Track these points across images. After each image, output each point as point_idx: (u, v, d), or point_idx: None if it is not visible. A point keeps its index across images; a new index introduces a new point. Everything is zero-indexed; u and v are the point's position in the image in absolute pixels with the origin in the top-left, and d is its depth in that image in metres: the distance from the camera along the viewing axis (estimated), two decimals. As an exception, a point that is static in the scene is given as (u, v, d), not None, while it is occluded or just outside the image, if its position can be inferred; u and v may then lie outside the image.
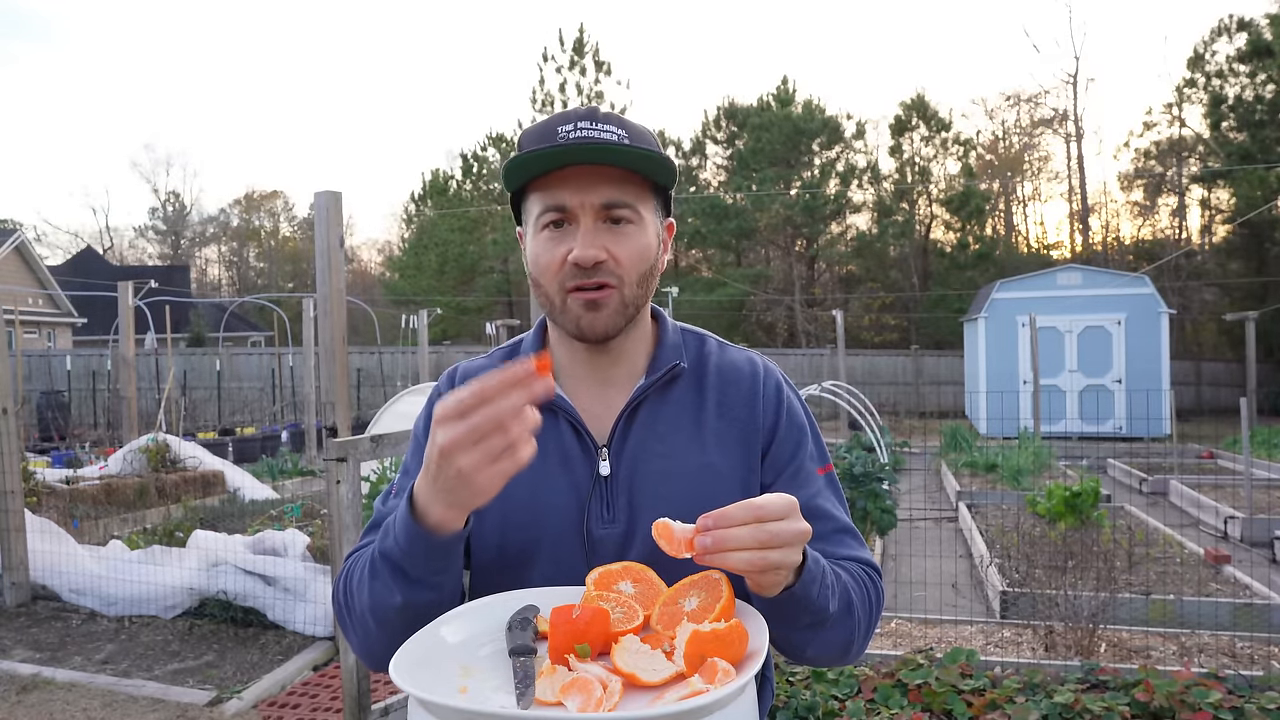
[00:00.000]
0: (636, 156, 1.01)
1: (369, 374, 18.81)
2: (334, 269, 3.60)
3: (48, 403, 14.61)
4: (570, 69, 30.31)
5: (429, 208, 33.91)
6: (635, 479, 1.07)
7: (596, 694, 0.76)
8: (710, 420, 1.11)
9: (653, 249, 1.08)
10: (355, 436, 3.21)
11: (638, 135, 1.05)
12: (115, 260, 46.49)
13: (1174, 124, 29.17)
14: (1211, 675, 3.43)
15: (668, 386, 1.12)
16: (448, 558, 0.91)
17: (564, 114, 1.05)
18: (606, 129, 1.03)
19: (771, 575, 0.86)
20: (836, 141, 30.35)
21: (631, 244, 1.05)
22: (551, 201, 1.03)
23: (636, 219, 1.05)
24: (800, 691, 3.39)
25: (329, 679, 4.17)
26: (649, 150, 1.02)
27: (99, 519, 7.00)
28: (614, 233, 1.04)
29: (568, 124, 1.03)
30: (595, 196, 1.02)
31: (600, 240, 1.03)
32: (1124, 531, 6.21)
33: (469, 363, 1.21)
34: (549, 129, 1.04)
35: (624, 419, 1.09)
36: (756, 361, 1.18)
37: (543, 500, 1.06)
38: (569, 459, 1.08)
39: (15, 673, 4.33)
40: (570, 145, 1.00)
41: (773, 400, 1.14)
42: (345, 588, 1.02)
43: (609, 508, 1.06)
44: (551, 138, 1.02)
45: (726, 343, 1.22)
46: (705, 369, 1.15)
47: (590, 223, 1.03)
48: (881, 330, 31.42)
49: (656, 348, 1.15)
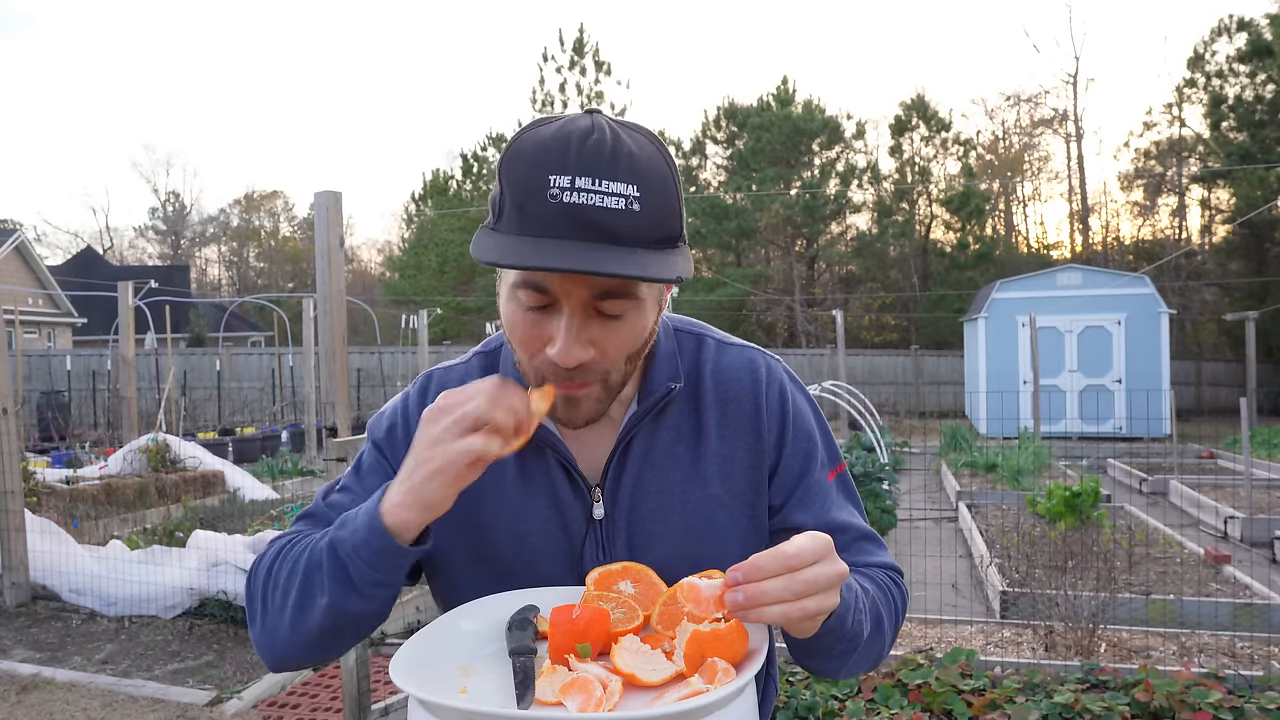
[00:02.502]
0: (645, 244, 0.83)
1: (369, 374, 18.80)
2: (334, 269, 3.60)
3: (48, 403, 14.61)
4: (570, 69, 30.32)
5: (429, 208, 33.89)
6: (633, 520, 0.99)
7: (596, 694, 0.76)
8: (711, 445, 1.01)
9: (649, 325, 0.92)
10: (355, 436, 3.21)
11: (652, 192, 0.83)
12: (115, 260, 46.50)
13: (1174, 124, 29.21)
14: (1211, 675, 3.43)
15: (663, 412, 1.01)
16: (393, 569, 0.86)
17: (562, 147, 0.81)
18: (613, 190, 0.81)
19: (809, 623, 0.80)
20: (836, 141, 30.34)
21: (625, 333, 0.89)
22: (529, 277, 0.85)
23: (636, 303, 0.88)
24: (800, 691, 3.39)
25: (329, 679, 4.17)
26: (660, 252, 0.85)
27: (99, 519, 6.99)
28: (605, 324, 0.87)
29: (565, 175, 0.80)
30: (587, 287, 0.84)
31: (588, 334, 0.87)
32: (1124, 531, 6.21)
33: (444, 371, 1.11)
34: (539, 175, 0.81)
35: (617, 456, 1.00)
36: (758, 364, 1.05)
37: (536, 546, 1.00)
38: (560, 501, 1.00)
39: (15, 673, 4.33)
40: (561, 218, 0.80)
41: (777, 410, 1.04)
42: (270, 568, 0.94)
43: (605, 552, 1.00)
44: (540, 193, 0.81)
45: (728, 340, 1.09)
46: (702, 384, 1.03)
47: (579, 315, 0.86)
48: (881, 330, 31.43)
49: (649, 367, 1.01)
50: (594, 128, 0.83)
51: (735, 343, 1.09)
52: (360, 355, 19.30)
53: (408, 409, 1.07)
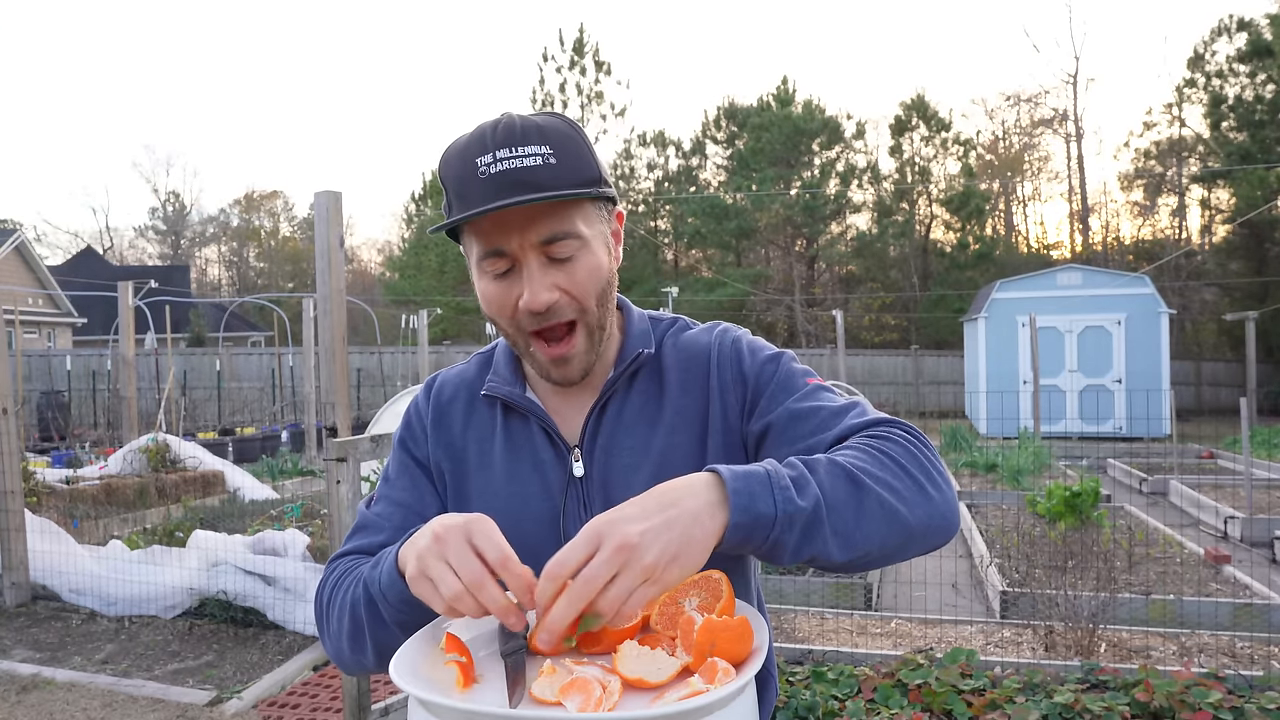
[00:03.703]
0: (565, 190, 0.94)
1: (369, 374, 18.81)
2: (334, 269, 3.60)
3: (48, 403, 14.61)
4: (570, 69, 30.32)
5: (429, 208, 33.89)
6: (609, 475, 1.05)
7: (596, 694, 0.76)
8: (673, 399, 1.08)
9: (605, 263, 1.02)
10: (355, 436, 3.21)
11: (563, 146, 0.96)
12: (115, 260, 46.52)
13: (1174, 124, 29.22)
14: (1211, 675, 3.43)
15: (634, 377, 1.10)
16: (415, 609, 0.91)
17: (481, 137, 0.95)
18: (528, 151, 0.94)
19: (646, 590, 0.76)
20: (836, 141, 30.36)
21: (581, 271, 0.99)
22: (488, 246, 0.97)
23: (581, 242, 0.99)
24: (800, 691, 3.39)
25: (329, 679, 4.17)
26: (579, 181, 0.96)
27: (99, 519, 7.00)
28: (561, 266, 0.98)
29: (485, 154, 0.94)
30: (534, 234, 0.96)
31: (549, 279, 0.97)
32: (1124, 531, 6.21)
33: (447, 372, 1.20)
34: (467, 163, 0.95)
35: (593, 416, 1.08)
36: (717, 328, 1.14)
37: (518, 506, 1.06)
38: (542, 463, 1.07)
39: (15, 673, 4.33)
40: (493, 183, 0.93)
41: (729, 352, 1.09)
42: (329, 596, 1.03)
43: (586, 508, 1.05)
44: (472, 175, 0.94)
45: (705, 326, 1.16)
46: (667, 351, 1.12)
47: (535, 263, 0.97)
48: (881, 330, 31.44)
49: (624, 339, 1.12)
50: (502, 117, 0.98)
51: (716, 325, 1.16)
52: (360, 355, 19.30)
53: (418, 408, 1.18)
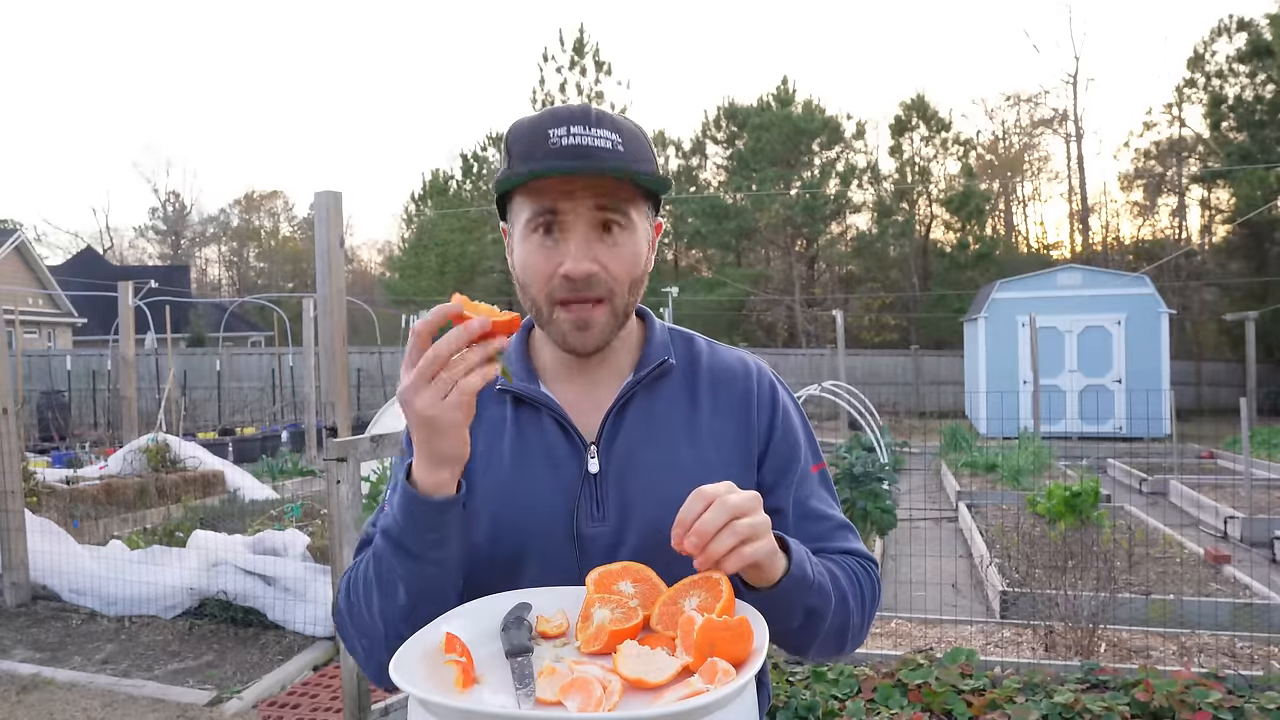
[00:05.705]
0: (631, 171, 0.99)
1: (369, 374, 18.80)
2: (334, 269, 3.60)
3: (48, 403, 14.61)
4: (570, 69, 30.29)
5: (429, 208, 33.86)
6: (627, 475, 1.05)
7: (596, 694, 0.76)
8: (705, 418, 1.10)
9: (643, 255, 1.06)
10: (355, 436, 3.21)
11: (631, 140, 1.02)
12: (115, 260, 46.47)
13: (1174, 124, 29.22)
14: (1211, 675, 3.43)
15: (657, 383, 1.11)
16: (443, 525, 0.92)
17: (555, 113, 1.00)
18: (600, 134, 0.99)
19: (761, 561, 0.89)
20: (836, 141, 30.32)
21: (624, 253, 1.03)
22: (541, 205, 1.01)
23: (628, 225, 1.03)
24: (800, 691, 3.39)
25: (329, 679, 4.17)
26: (642, 170, 1.01)
27: (99, 519, 7.00)
28: (606, 242, 1.02)
29: (560, 127, 0.99)
30: (588, 203, 1.00)
31: (593, 252, 1.01)
32: (1124, 531, 6.21)
33: None
34: (539, 132, 0.99)
35: (614, 414, 1.07)
36: (749, 361, 1.17)
37: (530, 500, 1.05)
38: (555, 457, 1.06)
39: (15, 673, 4.33)
40: (564, 153, 0.97)
41: (768, 402, 1.13)
42: (348, 597, 1.02)
43: (599, 506, 1.04)
44: (543, 142, 0.98)
45: (716, 343, 1.20)
46: (697, 368, 1.14)
47: (583, 232, 1.01)
48: (881, 330, 31.41)
49: (644, 345, 1.13)
50: (579, 104, 1.03)
51: (725, 345, 1.21)
52: (360, 355, 19.28)
53: None
